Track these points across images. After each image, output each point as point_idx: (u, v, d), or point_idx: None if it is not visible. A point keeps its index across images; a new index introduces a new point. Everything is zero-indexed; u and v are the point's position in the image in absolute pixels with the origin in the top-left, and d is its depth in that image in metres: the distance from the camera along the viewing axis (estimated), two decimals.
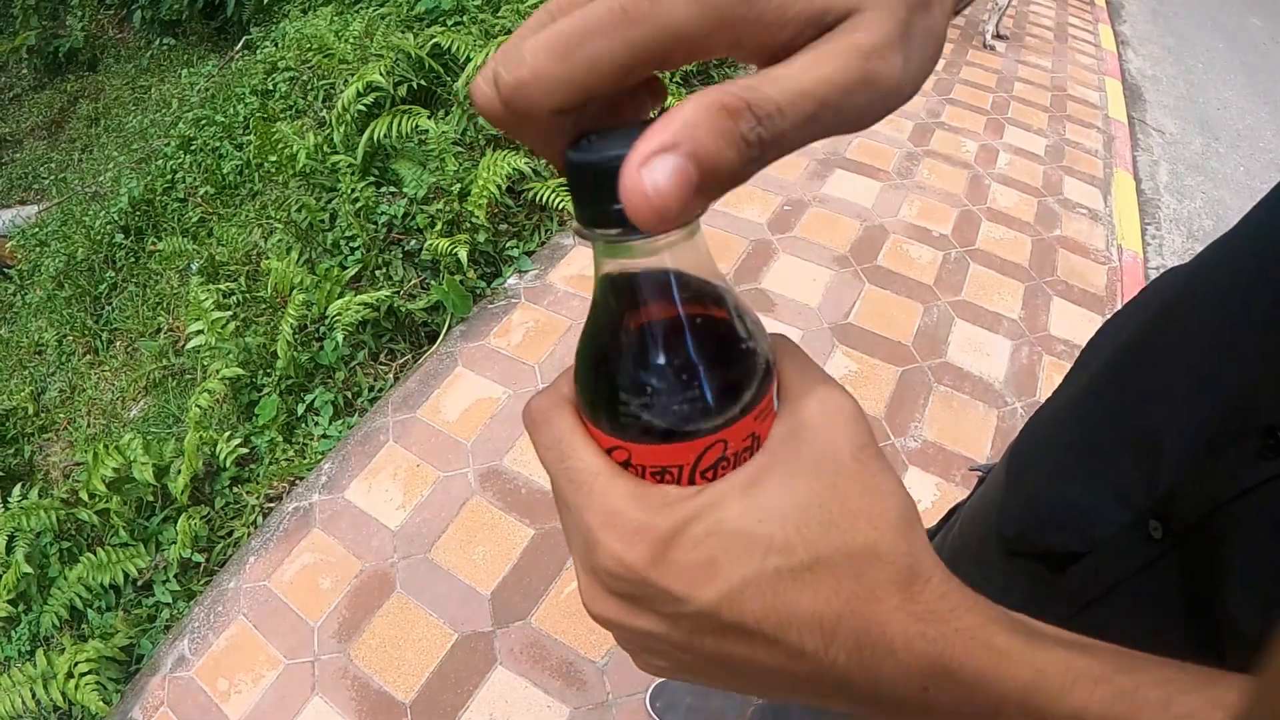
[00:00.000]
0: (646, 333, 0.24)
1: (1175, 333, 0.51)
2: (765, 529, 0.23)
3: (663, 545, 0.23)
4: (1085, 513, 0.54)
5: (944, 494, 1.97)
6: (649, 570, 0.23)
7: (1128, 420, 0.52)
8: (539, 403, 0.28)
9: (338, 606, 1.75)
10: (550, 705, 1.59)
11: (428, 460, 2.01)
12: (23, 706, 1.65)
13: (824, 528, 0.23)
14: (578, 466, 0.25)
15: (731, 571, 0.23)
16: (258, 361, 2.24)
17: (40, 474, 2.50)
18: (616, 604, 0.26)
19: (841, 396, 0.26)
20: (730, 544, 0.23)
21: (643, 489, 0.25)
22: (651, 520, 0.24)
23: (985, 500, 0.73)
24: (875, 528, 0.24)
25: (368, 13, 3.32)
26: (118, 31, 6.01)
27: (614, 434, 0.25)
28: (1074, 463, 0.57)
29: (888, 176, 3.11)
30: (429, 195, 2.48)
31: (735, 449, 0.25)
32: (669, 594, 0.24)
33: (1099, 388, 0.57)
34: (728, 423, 0.24)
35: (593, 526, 0.24)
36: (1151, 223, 3.29)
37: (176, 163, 3.51)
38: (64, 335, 3.17)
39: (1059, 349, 2.43)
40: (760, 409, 0.25)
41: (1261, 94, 4.70)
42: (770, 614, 0.23)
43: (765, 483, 0.24)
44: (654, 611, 0.25)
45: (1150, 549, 0.47)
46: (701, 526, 0.23)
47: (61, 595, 1.81)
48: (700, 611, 0.24)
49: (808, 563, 0.23)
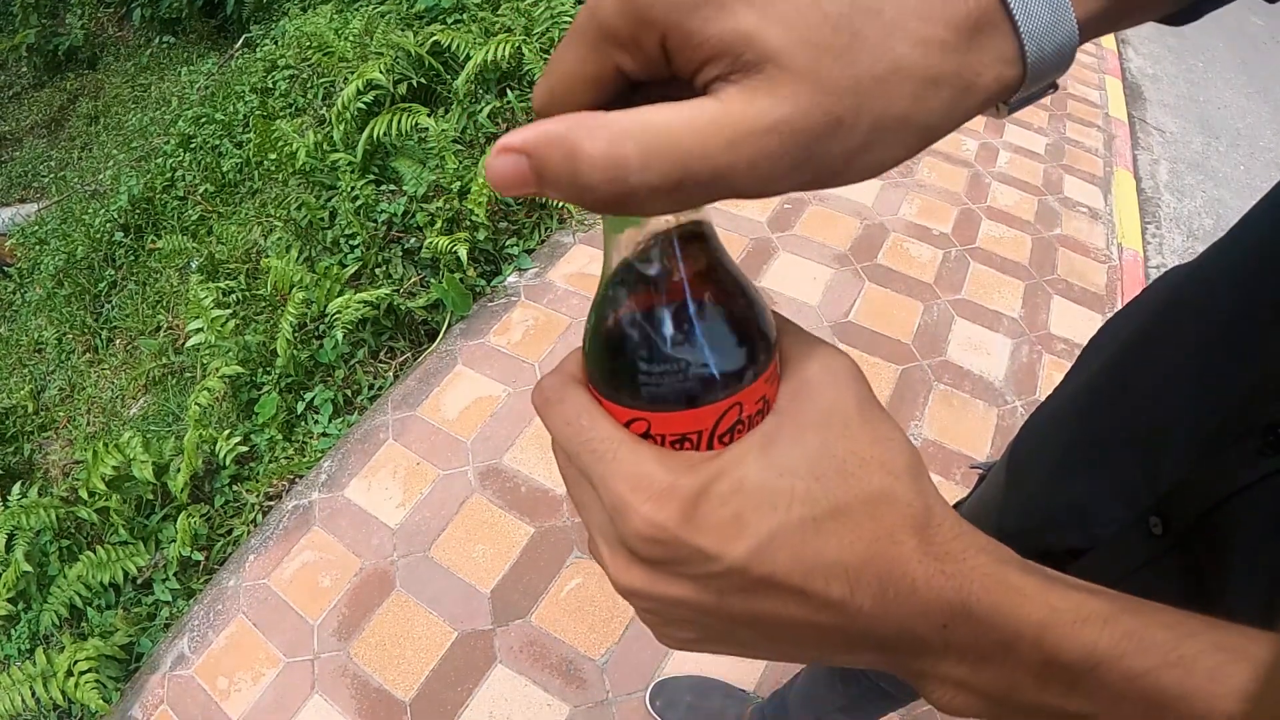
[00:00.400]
0: (662, 304, 0.25)
1: (1176, 332, 0.51)
2: (786, 482, 0.24)
3: (691, 504, 0.24)
4: (1086, 510, 0.54)
5: (944, 492, 1.95)
6: (680, 528, 0.24)
7: (1130, 418, 0.52)
8: (550, 381, 0.28)
9: (337, 604, 1.75)
10: (550, 703, 1.59)
11: (427, 458, 2.01)
12: (22, 705, 1.65)
13: (841, 476, 0.24)
14: (599, 436, 0.26)
15: (759, 525, 0.24)
16: (257, 359, 2.24)
17: (40, 472, 2.50)
18: (645, 572, 0.26)
19: (840, 356, 0.27)
20: (755, 499, 0.24)
21: (666, 454, 0.25)
22: (679, 480, 0.24)
23: (985, 498, 0.73)
24: (889, 474, 0.25)
25: (367, 10, 3.31)
26: (117, 29, 6.00)
27: (633, 405, 0.26)
28: (1075, 460, 0.57)
29: (888, 175, 3.11)
30: (429, 193, 2.48)
31: (750, 412, 0.26)
32: (701, 552, 0.24)
33: (1100, 385, 0.57)
34: (743, 385, 0.25)
35: (622, 492, 0.25)
36: (1152, 221, 3.29)
37: (176, 161, 3.51)
38: (64, 333, 3.17)
39: (1059, 347, 2.43)
40: (769, 373, 0.26)
41: (1262, 93, 4.70)
42: (799, 563, 0.24)
43: (780, 440, 0.25)
44: (684, 575, 0.25)
45: (1151, 546, 0.48)
46: (726, 484, 0.24)
47: (61, 593, 1.81)
48: (731, 568, 0.24)
49: (830, 510, 0.24)
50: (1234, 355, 0.44)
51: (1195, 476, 0.44)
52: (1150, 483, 0.48)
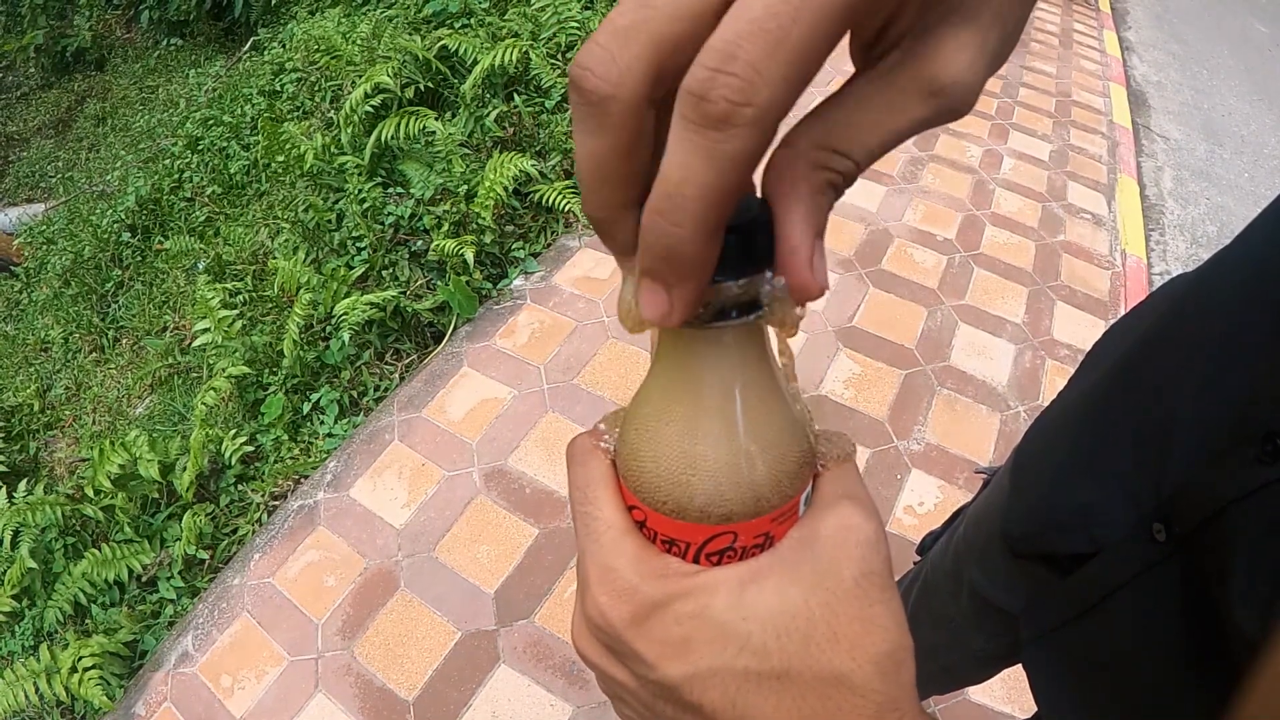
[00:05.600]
0: (687, 413, 0.24)
1: (1180, 339, 0.51)
2: (745, 627, 0.23)
3: (645, 612, 0.24)
4: (1090, 515, 0.54)
5: (946, 496, 1.97)
6: (626, 630, 0.25)
7: (1132, 424, 0.52)
8: (581, 442, 0.28)
9: (342, 604, 1.76)
10: (553, 704, 1.59)
11: (433, 459, 2.02)
12: (26, 701, 1.66)
13: (804, 643, 0.23)
14: (595, 514, 0.26)
15: (701, 657, 0.24)
16: (264, 360, 2.25)
17: (45, 470, 2.51)
18: (598, 648, 0.27)
19: (862, 518, 0.25)
20: (710, 631, 0.24)
21: (646, 554, 0.25)
22: (642, 586, 0.25)
23: (990, 503, 0.74)
24: (854, 658, 0.23)
25: (375, 14, 3.33)
26: (125, 31, 6.03)
27: (633, 493, 0.26)
28: (1080, 465, 0.57)
29: (892, 181, 3.12)
30: (436, 196, 2.50)
31: (745, 543, 0.25)
32: (640, 657, 0.25)
33: (1104, 392, 0.58)
34: (738, 520, 0.25)
35: (590, 574, 0.26)
36: (1155, 228, 3.29)
37: (184, 162, 3.53)
38: (70, 333, 3.18)
39: (1062, 353, 2.44)
40: (780, 512, 0.25)
41: (1266, 100, 4.70)
42: (729, 709, 0.24)
43: (762, 583, 0.24)
44: (625, 667, 0.26)
45: (1153, 551, 0.48)
46: (688, 606, 0.24)
47: (66, 590, 1.81)
48: (663, 683, 0.24)
49: (778, 671, 0.23)
50: (1235, 363, 0.44)
51: (1197, 483, 0.44)
52: (1153, 489, 0.48)
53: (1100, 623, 0.53)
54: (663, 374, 0.25)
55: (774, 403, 0.25)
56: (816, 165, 0.20)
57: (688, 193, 0.17)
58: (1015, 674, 1.66)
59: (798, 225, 0.20)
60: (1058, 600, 0.57)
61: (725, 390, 0.24)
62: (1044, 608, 0.60)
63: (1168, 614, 0.47)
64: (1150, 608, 0.49)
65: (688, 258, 0.19)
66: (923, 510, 1.94)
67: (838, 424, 2.13)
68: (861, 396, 2.21)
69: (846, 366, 2.29)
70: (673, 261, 0.19)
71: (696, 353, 0.24)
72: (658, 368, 0.25)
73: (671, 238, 0.18)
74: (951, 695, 1.63)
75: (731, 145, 0.16)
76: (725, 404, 0.24)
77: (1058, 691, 0.60)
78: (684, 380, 0.24)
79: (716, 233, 0.18)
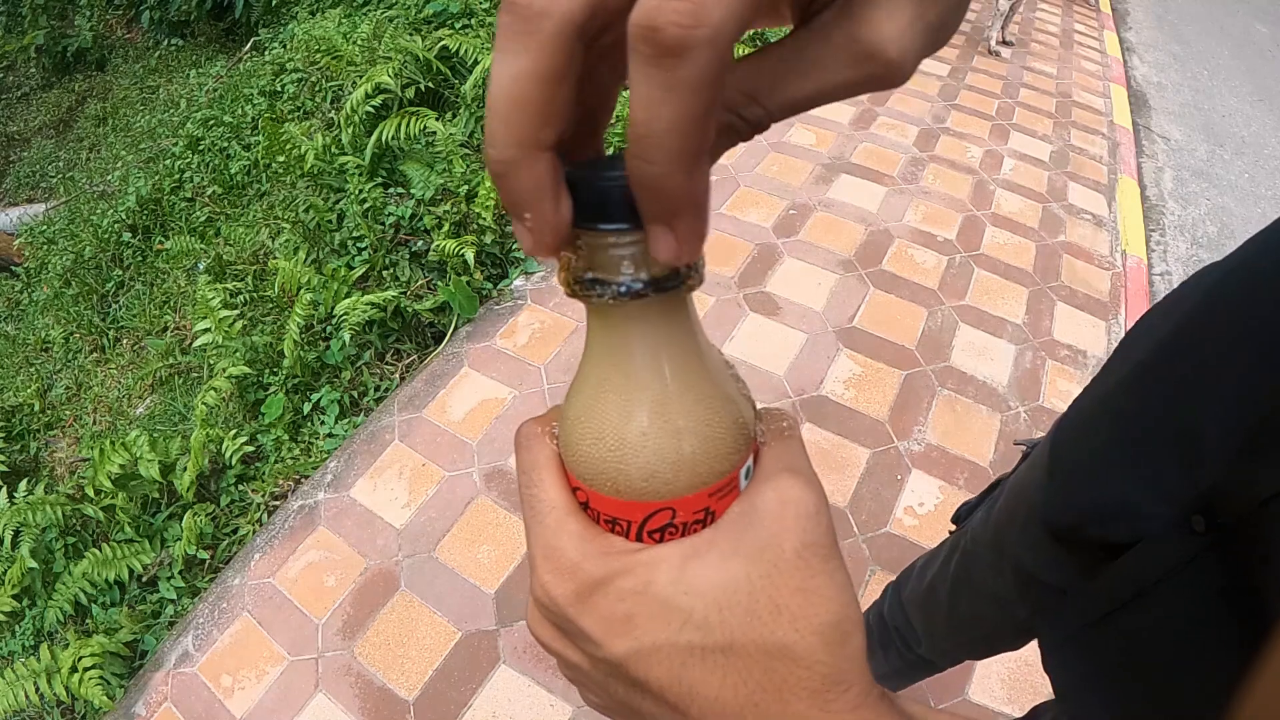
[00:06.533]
0: (618, 392, 0.25)
1: (1213, 331, 0.51)
2: (688, 601, 0.23)
3: (589, 590, 0.25)
4: (1130, 506, 0.55)
5: (947, 497, 1.97)
6: (570, 606, 0.25)
7: (1167, 417, 0.53)
8: (528, 428, 0.29)
9: (342, 604, 1.76)
10: (553, 704, 1.59)
11: (433, 459, 2.02)
12: (26, 700, 1.66)
13: (747, 615, 0.23)
14: (540, 496, 0.27)
15: (645, 633, 0.24)
16: (264, 360, 2.25)
17: (46, 470, 2.51)
18: (550, 630, 0.27)
19: (803, 490, 0.25)
20: (652, 607, 0.24)
21: (590, 533, 0.26)
22: (584, 563, 0.25)
23: (1027, 480, 0.75)
24: (797, 629, 0.23)
25: (376, 15, 3.33)
26: (126, 31, 6.04)
27: (575, 474, 0.26)
28: (1117, 457, 0.58)
29: (893, 181, 3.12)
30: (436, 196, 2.50)
31: (685, 519, 0.25)
32: (585, 635, 0.25)
33: (1137, 383, 0.58)
34: (673, 496, 0.25)
35: (535, 555, 0.26)
36: (1156, 229, 3.29)
37: (184, 162, 3.53)
38: (71, 333, 3.18)
39: (1062, 354, 2.44)
40: (718, 486, 0.25)
41: (1266, 100, 4.70)
42: (675, 684, 0.24)
43: (703, 557, 0.24)
44: (577, 647, 0.26)
45: (1193, 543, 0.49)
46: (630, 583, 0.24)
47: (66, 590, 1.81)
48: (610, 660, 0.25)
49: (721, 645, 0.23)
50: (1268, 357, 0.44)
51: (1234, 478, 0.45)
52: (1190, 481, 0.49)
53: (1139, 614, 0.53)
54: (592, 355, 0.25)
55: (701, 377, 0.25)
56: (727, 107, 0.20)
57: (656, 128, 0.17)
58: (1015, 674, 1.66)
59: None
60: (1098, 592, 0.58)
61: (652, 366, 0.24)
62: (1083, 599, 0.60)
63: (1205, 605, 0.48)
64: (1188, 598, 0.50)
65: (672, 192, 0.18)
66: (923, 511, 1.94)
67: (838, 424, 2.13)
68: (862, 397, 2.21)
69: (847, 367, 2.29)
70: (663, 199, 0.18)
71: (620, 331, 0.24)
72: (588, 349, 0.26)
73: (651, 176, 0.18)
74: (952, 695, 1.63)
75: (689, 71, 0.16)
76: (652, 380, 0.24)
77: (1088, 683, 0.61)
78: (612, 359, 0.25)
79: (696, 162, 0.18)
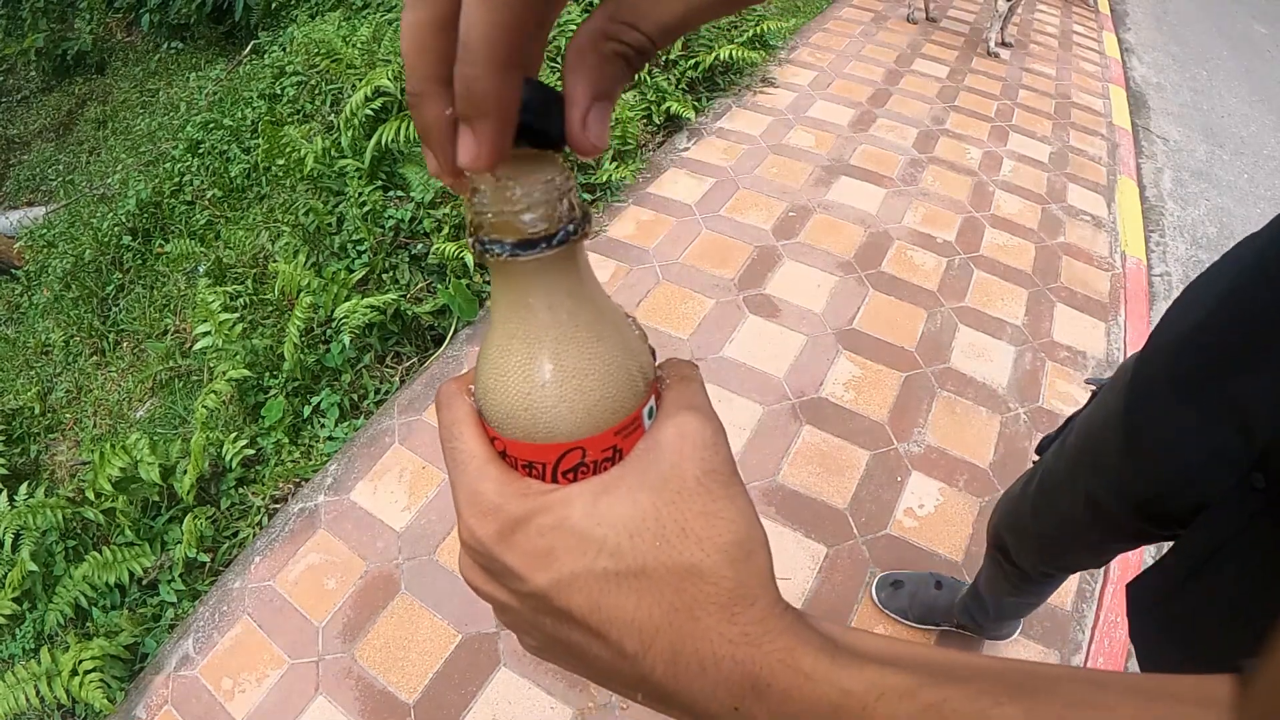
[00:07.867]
0: (520, 341, 0.26)
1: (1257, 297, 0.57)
2: (600, 531, 0.25)
3: (510, 528, 0.26)
4: (1195, 473, 0.61)
5: (947, 499, 1.97)
6: (494, 545, 0.26)
7: (1221, 385, 0.58)
8: (447, 387, 0.30)
9: (342, 607, 1.76)
10: (554, 706, 1.59)
11: (433, 462, 2.02)
12: (26, 704, 1.66)
13: (656, 540, 0.25)
14: (460, 448, 0.28)
15: (563, 564, 0.25)
16: (264, 363, 2.25)
17: (46, 473, 2.51)
18: (479, 573, 0.29)
19: (700, 422, 0.27)
20: (568, 540, 0.25)
21: (508, 478, 0.27)
22: (505, 504, 0.27)
23: (1096, 417, 0.83)
24: (703, 549, 0.25)
25: (375, 18, 3.34)
26: (126, 35, 6.05)
27: (493, 425, 0.28)
28: (1182, 426, 0.64)
29: (892, 183, 3.12)
30: (436, 199, 2.50)
31: (595, 458, 0.27)
32: (511, 571, 0.26)
33: (1190, 354, 0.64)
34: (581, 435, 0.27)
35: (459, 501, 0.28)
36: (1155, 229, 3.29)
37: (184, 165, 3.54)
38: (71, 336, 3.18)
39: (1062, 355, 2.44)
40: (623, 425, 0.27)
41: (1265, 101, 4.71)
42: (594, 610, 0.25)
43: (613, 492, 0.26)
44: (505, 586, 0.28)
45: (1256, 500, 0.53)
46: (549, 519, 0.26)
47: (66, 593, 1.81)
48: (533, 593, 0.26)
49: (634, 569, 0.25)
50: None
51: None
52: (1247, 443, 0.54)
53: (1213, 575, 0.58)
54: (497, 311, 0.27)
55: (597, 324, 0.27)
56: (606, 36, 0.22)
57: (474, 34, 0.20)
58: None
59: (578, 85, 0.22)
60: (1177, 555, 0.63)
61: (550, 317, 0.26)
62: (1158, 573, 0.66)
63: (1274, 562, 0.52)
64: (1258, 557, 0.54)
65: (483, 94, 0.20)
66: (923, 513, 1.94)
67: (838, 426, 2.13)
68: (862, 399, 2.21)
69: (846, 369, 2.29)
70: (473, 100, 0.21)
71: (518, 285, 0.26)
72: (494, 307, 0.27)
73: (468, 79, 0.20)
74: None
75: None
76: (551, 329, 0.26)
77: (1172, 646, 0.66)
78: (514, 313, 0.26)
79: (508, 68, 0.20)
